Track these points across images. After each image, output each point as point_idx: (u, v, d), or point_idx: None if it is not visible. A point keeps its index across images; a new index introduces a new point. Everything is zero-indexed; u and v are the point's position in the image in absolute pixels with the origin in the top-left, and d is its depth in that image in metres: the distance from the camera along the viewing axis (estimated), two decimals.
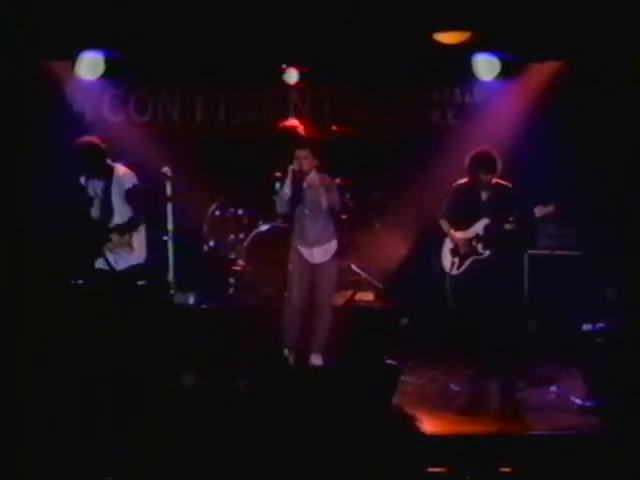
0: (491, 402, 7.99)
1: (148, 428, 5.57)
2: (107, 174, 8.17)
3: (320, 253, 8.54)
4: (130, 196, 8.15)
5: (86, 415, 6.07)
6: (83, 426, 5.86)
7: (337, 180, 9.32)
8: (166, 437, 5.16)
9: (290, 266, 8.58)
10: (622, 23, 8.60)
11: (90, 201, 8.22)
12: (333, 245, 8.60)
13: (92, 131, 9.71)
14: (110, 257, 8.12)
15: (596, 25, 8.74)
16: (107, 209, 8.16)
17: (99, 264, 8.23)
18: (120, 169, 8.22)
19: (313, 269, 8.53)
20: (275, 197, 8.72)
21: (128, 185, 8.18)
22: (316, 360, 8.41)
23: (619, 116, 9.45)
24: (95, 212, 8.23)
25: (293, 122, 10.05)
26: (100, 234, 8.16)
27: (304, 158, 8.47)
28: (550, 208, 8.07)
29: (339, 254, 8.68)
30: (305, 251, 8.54)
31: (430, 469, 4.66)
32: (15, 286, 8.30)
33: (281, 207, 8.56)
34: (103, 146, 8.18)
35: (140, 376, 6.92)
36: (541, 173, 9.34)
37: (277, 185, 8.83)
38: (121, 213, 8.18)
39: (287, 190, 8.49)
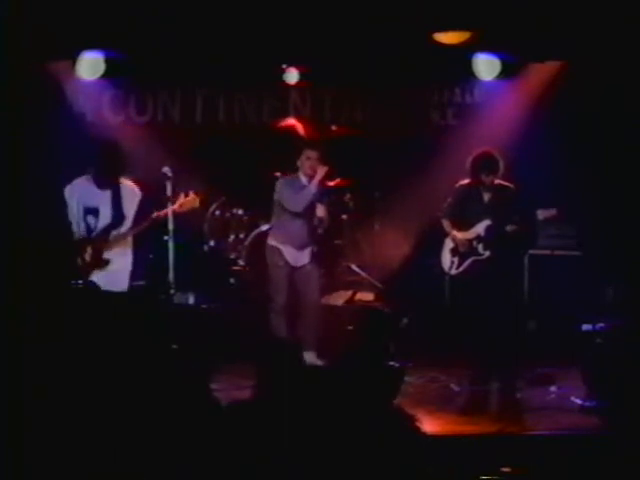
0: (491, 402, 8.00)
1: (148, 428, 5.57)
2: (116, 183, 8.13)
3: (301, 255, 8.59)
4: (140, 208, 8.12)
5: (85, 416, 6.06)
6: (81, 427, 5.86)
7: (335, 181, 9.35)
8: (166, 437, 5.16)
9: (271, 268, 8.63)
10: (622, 23, 8.60)
11: (93, 211, 8.14)
12: (311, 250, 8.69)
13: (92, 131, 9.75)
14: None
15: (596, 25, 8.73)
16: (119, 216, 8.10)
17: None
18: (125, 180, 8.17)
19: (294, 272, 8.57)
20: (294, 194, 8.62)
21: (139, 197, 8.14)
22: (310, 357, 8.41)
23: (619, 116, 9.45)
24: (102, 220, 8.13)
25: (292, 122, 10.06)
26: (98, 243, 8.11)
27: (315, 159, 8.50)
28: (552, 212, 8.08)
29: (317, 256, 8.72)
30: (290, 252, 8.56)
31: (430, 469, 4.66)
32: (15, 287, 8.29)
33: (300, 205, 8.52)
34: (122, 153, 8.18)
35: (140, 377, 6.92)
36: (541, 173, 9.34)
37: (279, 184, 8.79)
38: (130, 221, 8.12)
39: (314, 189, 8.48)
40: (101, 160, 8.12)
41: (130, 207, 8.11)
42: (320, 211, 8.53)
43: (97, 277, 8.09)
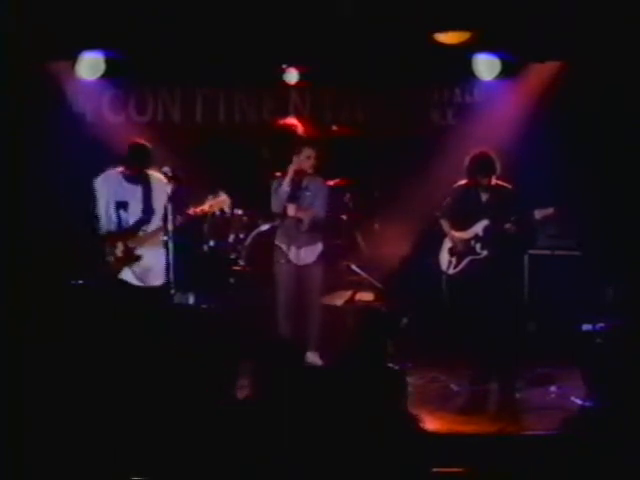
0: (491, 402, 8.00)
1: (147, 428, 5.57)
2: (146, 178, 8.13)
3: (306, 254, 8.59)
4: (172, 199, 8.10)
5: (86, 416, 6.07)
6: (82, 428, 5.86)
7: (335, 181, 9.35)
8: (165, 436, 5.17)
9: (275, 267, 8.66)
10: (622, 23, 8.60)
11: (124, 205, 8.11)
12: (319, 247, 8.67)
13: (92, 131, 9.74)
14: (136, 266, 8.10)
15: (596, 25, 8.74)
16: (148, 211, 8.09)
17: (123, 275, 8.13)
18: (154, 172, 8.16)
19: (299, 271, 8.58)
20: (273, 195, 8.73)
21: (170, 188, 8.12)
22: (312, 358, 8.42)
23: (619, 116, 9.45)
24: (132, 215, 8.12)
25: (292, 121, 10.06)
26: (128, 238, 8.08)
27: (307, 158, 8.51)
28: (550, 211, 8.07)
29: (324, 256, 8.74)
30: (291, 252, 8.57)
31: (431, 469, 4.67)
32: (15, 287, 8.29)
33: (278, 205, 8.59)
34: (150, 150, 8.18)
35: (141, 377, 6.93)
36: (541, 173, 9.34)
37: (275, 184, 8.84)
38: (160, 215, 8.10)
39: (286, 188, 8.51)
40: (128, 156, 8.11)
41: (159, 199, 8.08)
42: (290, 210, 8.53)
43: (129, 274, 8.09)
